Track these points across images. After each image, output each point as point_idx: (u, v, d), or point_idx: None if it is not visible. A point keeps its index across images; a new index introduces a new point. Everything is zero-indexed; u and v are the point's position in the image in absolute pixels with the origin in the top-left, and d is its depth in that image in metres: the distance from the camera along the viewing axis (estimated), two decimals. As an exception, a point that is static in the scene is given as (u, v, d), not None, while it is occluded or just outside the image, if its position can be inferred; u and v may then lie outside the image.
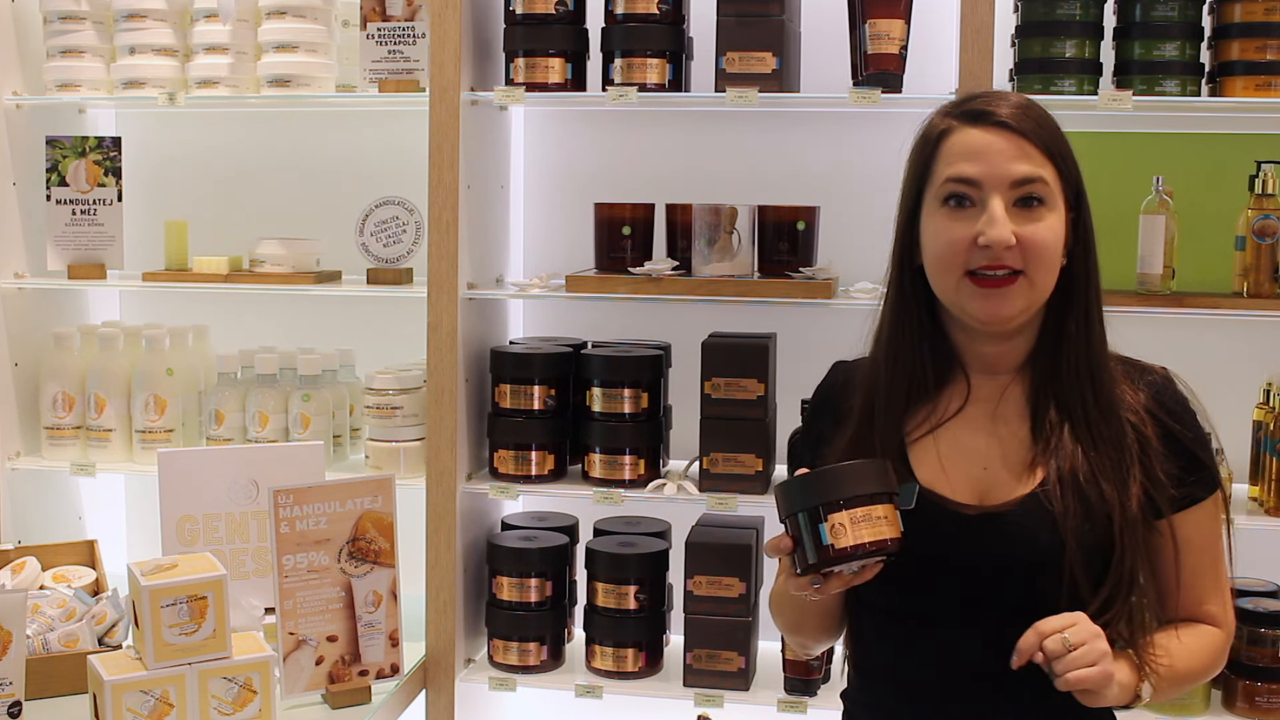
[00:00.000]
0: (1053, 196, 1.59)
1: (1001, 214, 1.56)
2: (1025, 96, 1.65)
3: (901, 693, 1.70)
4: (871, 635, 1.73)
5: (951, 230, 1.59)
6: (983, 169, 1.58)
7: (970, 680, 1.63)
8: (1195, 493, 1.65)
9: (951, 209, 1.60)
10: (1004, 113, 1.59)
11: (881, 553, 1.53)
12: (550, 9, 2.65)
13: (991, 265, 1.57)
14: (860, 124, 2.83)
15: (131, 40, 2.90)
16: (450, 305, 2.65)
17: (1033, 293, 1.59)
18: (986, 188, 1.58)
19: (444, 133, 2.62)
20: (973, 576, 1.61)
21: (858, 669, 1.78)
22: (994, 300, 1.59)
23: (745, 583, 2.63)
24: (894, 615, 1.68)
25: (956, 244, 1.59)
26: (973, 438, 1.67)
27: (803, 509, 1.52)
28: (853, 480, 1.52)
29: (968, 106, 1.63)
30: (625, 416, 2.66)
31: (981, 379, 1.69)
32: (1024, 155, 1.58)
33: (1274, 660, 2.46)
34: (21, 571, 2.54)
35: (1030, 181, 1.57)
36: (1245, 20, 2.46)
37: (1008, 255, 1.57)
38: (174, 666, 1.99)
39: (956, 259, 1.59)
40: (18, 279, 2.95)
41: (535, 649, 2.72)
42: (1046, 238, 1.58)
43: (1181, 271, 2.55)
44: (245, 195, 3.15)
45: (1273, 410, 2.50)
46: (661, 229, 2.75)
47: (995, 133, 1.58)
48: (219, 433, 2.84)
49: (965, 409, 1.68)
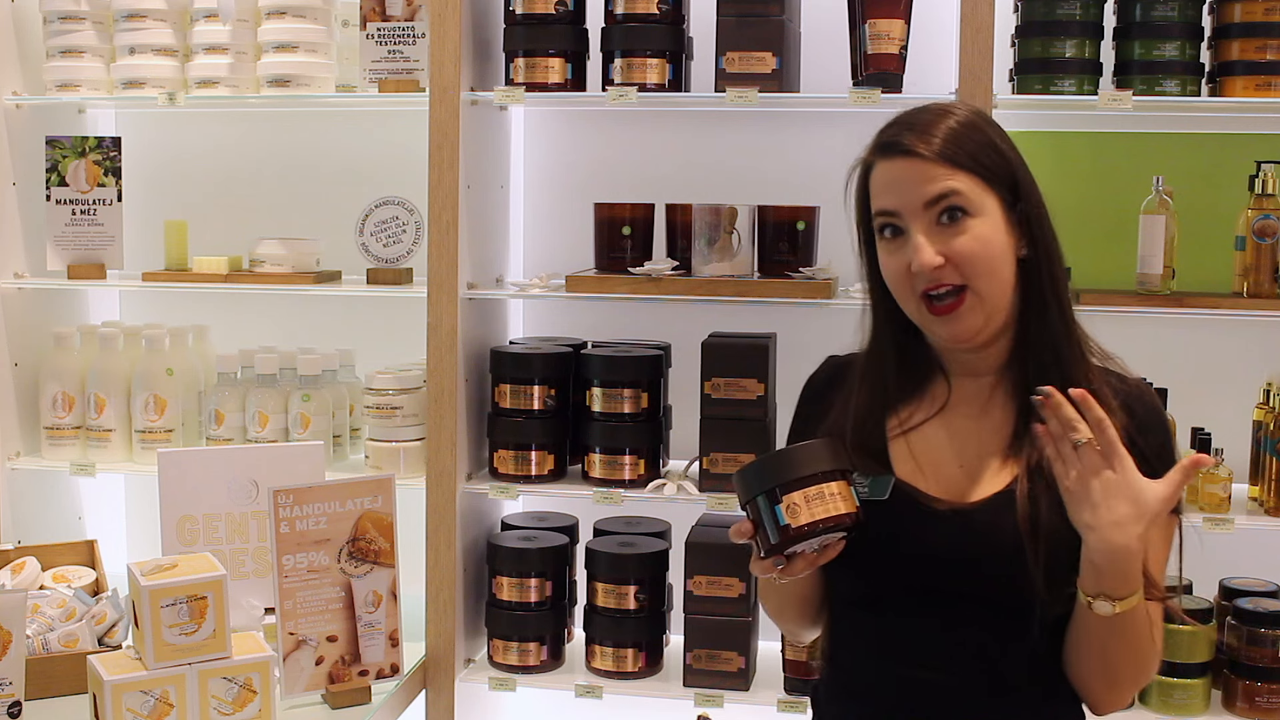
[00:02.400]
0: (974, 204, 1.60)
1: (922, 240, 1.59)
2: (943, 106, 1.66)
3: (869, 683, 1.70)
4: (844, 627, 1.75)
5: (891, 262, 1.64)
6: (896, 200, 1.62)
7: (937, 671, 1.64)
8: None
9: (888, 239, 1.65)
10: (907, 140, 1.62)
11: (839, 528, 1.56)
12: (550, 9, 2.65)
13: (932, 287, 1.60)
14: (860, 124, 2.80)
15: (131, 40, 2.90)
16: (450, 305, 2.65)
17: (983, 304, 1.61)
18: (905, 216, 1.62)
19: (444, 133, 2.63)
20: (942, 570, 1.62)
21: (830, 661, 1.79)
22: (950, 323, 1.61)
23: (745, 583, 2.63)
24: (865, 607, 1.70)
25: (899, 274, 1.63)
26: (951, 436, 1.69)
27: (760, 492, 1.56)
28: (804, 460, 1.56)
29: (882, 138, 1.67)
30: (625, 416, 2.66)
31: (963, 380, 1.71)
32: (929, 177, 1.60)
33: (1274, 660, 2.46)
34: (21, 571, 2.54)
35: (941, 198, 1.60)
36: (1245, 20, 2.46)
37: (943, 274, 1.59)
38: (174, 666, 1.99)
39: (905, 287, 1.63)
40: (18, 279, 2.95)
41: (535, 649, 2.72)
42: (972, 247, 1.59)
43: (1181, 271, 2.55)
44: (245, 195, 3.15)
45: (1273, 410, 2.50)
46: (661, 229, 2.75)
47: (901, 161, 1.62)
48: (219, 433, 2.84)
49: (946, 408, 1.70)
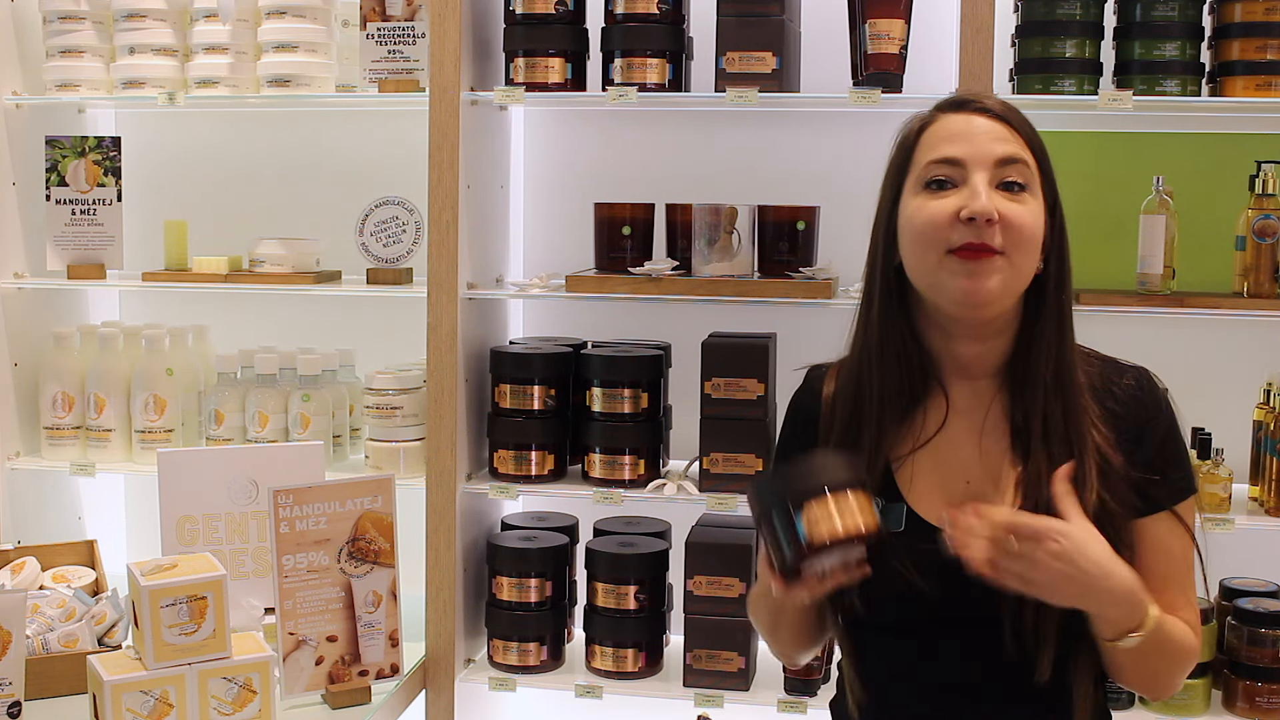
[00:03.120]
0: (1034, 186, 1.58)
1: (985, 187, 1.55)
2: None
3: (885, 706, 1.69)
4: (863, 651, 1.72)
5: (932, 207, 1.57)
6: (966, 148, 1.57)
7: (952, 693, 1.63)
8: (1160, 499, 1.61)
9: (933, 191, 1.58)
10: (986, 102, 1.60)
11: (861, 541, 1.48)
12: (550, 9, 2.65)
13: (973, 243, 1.54)
14: (860, 124, 2.83)
15: (131, 40, 2.90)
16: (450, 305, 2.65)
17: (1011, 273, 1.56)
18: (970, 165, 1.56)
19: (444, 133, 2.62)
20: (953, 594, 1.57)
21: (849, 681, 1.76)
22: (975, 277, 1.54)
23: (745, 583, 2.63)
24: (882, 631, 1.67)
25: (938, 218, 1.56)
26: (955, 453, 1.65)
27: (777, 504, 1.49)
28: (825, 470, 1.49)
29: (951, 98, 1.64)
30: (625, 416, 2.66)
31: (960, 386, 1.66)
32: (1003, 137, 1.58)
33: (1274, 660, 2.46)
34: (21, 571, 2.54)
35: (1014, 161, 1.56)
36: (1245, 20, 2.46)
37: (989, 233, 1.54)
38: (174, 667, 1.98)
39: (938, 234, 1.56)
40: (18, 279, 2.95)
41: (535, 649, 2.72)
42: (1029, 220, 1.56)
43: (1181, 271, 2.55)
44: (245, 195, 3.15)
45: (1273, 410, 2.49)
46: (661, 229, 2.75)
47: (978, 115, 1.59)
48: (219, 433, 2.84)
49: (946, 424, 1.66)
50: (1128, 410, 1.63)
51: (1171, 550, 1.62)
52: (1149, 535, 1.62)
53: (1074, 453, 1.58)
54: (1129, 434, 1.62)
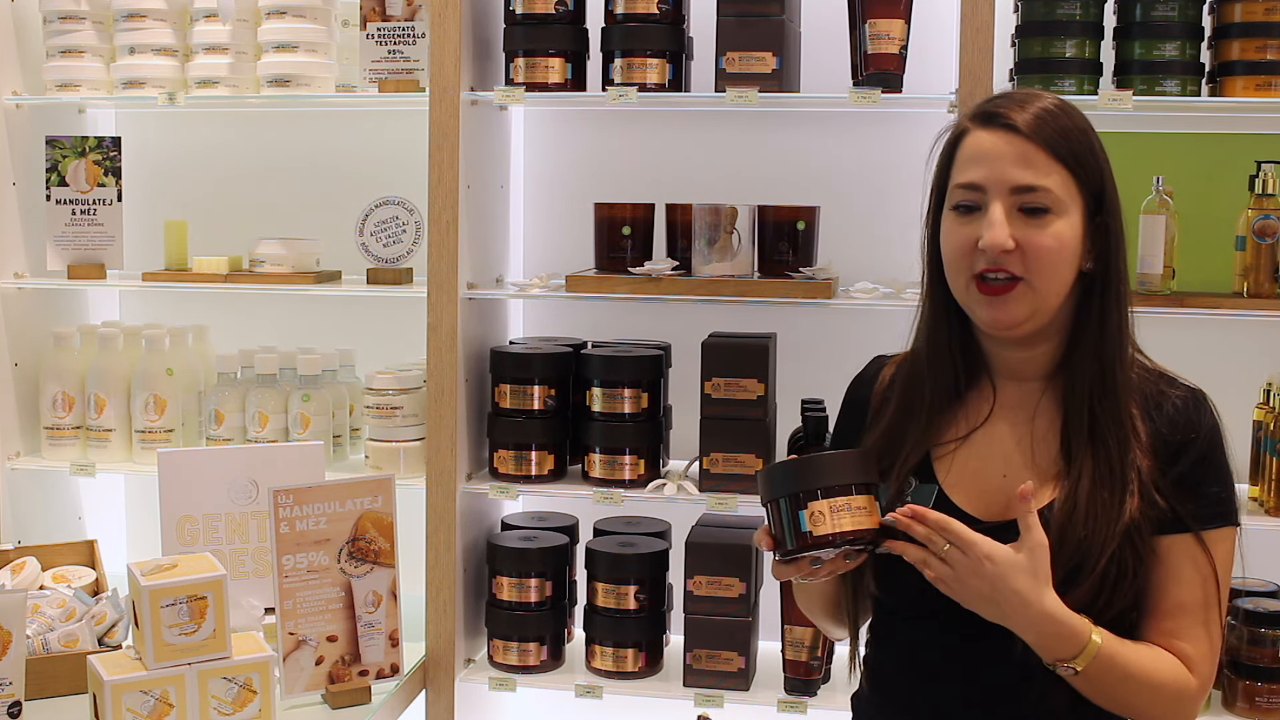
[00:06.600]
0: (1061, 204, 1.58)
1: (1000, 218, 1.56)
2: (1057, 99, 1.63)
3: (908, 694, 1.70)
4: (885, 637, 1.75)
5: (958, 233, 1.61)
6: (985, 173, 1.59)
7: (975, 681, 1.63)
8: (1185, 519, 1.60)
9: (960, 214, 1.61)
10: (1015, 116, 1.59)
11: (860, 543, 1.55)
12: (550, 9, 2.65)
13: (992, 269, 1.58)
14: (860, 124, 2.83)
15: (131, 40, 2.89)
16: (450, 305, 2.65)
17: (1036, 298, 1.58)
18: (989, 191, 1.58)
19: (444, 133, 2.62)
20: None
21: (872, 671, 1.78)
22: (996, 307, 1.59)
23: (745, 583, 2.63)
24: (906, 618, 1.69)
25: (962, 246, 1.60)
26: (997, 446, 1.67)
27: (785, 495, 1.55)
28: (835, 469, 1.55)
29: (984, 107, 1.64)
30: (625, 416, 2.66)
31: (1008, 385, 1.69)
32: (1027, 162, 1.57)
33: (1274, 660, 2.46)
34: (21, 571, 2.54)
35: (1030, 190, 1.57)
36: (1245, 20, 2.46)
37: (1007, 260, 1.57)
38: (174, 666, 1.98)
39: (963, 261, 1.60)
40: (18, 279, 2.95)
41: (535, 649, 2.72)
42: (1049, 245, 1.57)
43: (1181, 271, 2.55)
44: (245, 195, 3.15)
45: (1273, 410, 2.49)
46: (661, 229, 2.75)
47: (1001, 135, 1.59)
48: (219, 433, 2.84)
49: (992, 417, 1.68)
50: (1171, 425, 1.63)
51: (1186, 576, 1.60)
52: (1168, 555, 1.61)
53: (1118, 455, 1.59)
54: (1168, 448, 1.62)
